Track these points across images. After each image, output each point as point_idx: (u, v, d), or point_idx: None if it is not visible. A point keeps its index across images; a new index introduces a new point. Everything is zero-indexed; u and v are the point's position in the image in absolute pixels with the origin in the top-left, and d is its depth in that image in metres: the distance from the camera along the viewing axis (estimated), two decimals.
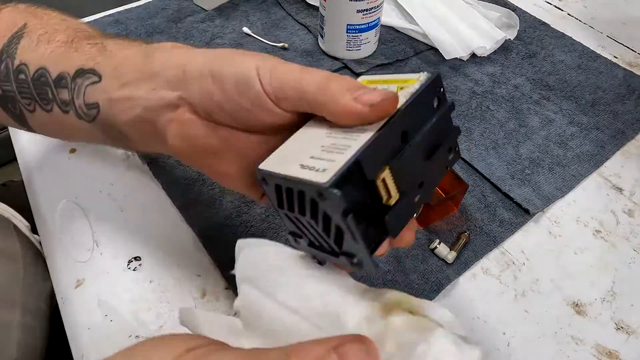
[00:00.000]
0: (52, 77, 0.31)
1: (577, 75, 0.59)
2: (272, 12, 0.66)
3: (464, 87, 0.56)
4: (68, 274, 0.39)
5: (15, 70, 0.32)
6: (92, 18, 0.64)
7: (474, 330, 0.37)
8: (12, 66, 0.32)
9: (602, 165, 0.49)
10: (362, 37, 0.56)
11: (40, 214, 0.44)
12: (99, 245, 0.41)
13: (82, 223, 0.42)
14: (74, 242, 0.41)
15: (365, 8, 0.53)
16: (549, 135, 0.51)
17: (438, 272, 0.40)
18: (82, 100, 0.29)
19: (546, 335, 0.37)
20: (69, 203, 0.43)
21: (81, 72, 0.29)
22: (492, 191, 0.46)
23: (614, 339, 0.37)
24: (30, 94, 0.32)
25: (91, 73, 0.29)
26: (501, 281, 0.40)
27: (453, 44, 0.60)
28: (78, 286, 0.38)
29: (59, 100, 0.31)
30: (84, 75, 0.29)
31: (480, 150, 0.49)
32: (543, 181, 0.47)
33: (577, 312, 0.38)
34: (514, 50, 0.62)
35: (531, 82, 0.57)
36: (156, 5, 0.66)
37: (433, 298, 0.38)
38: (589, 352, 0.36)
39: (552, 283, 0.40)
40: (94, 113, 0.29)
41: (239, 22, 0.64)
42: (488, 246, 0.42)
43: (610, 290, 0.40)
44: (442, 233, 0.42)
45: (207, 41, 0.61)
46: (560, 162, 0.49)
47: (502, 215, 0.44)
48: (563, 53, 0.62)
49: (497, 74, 0.58)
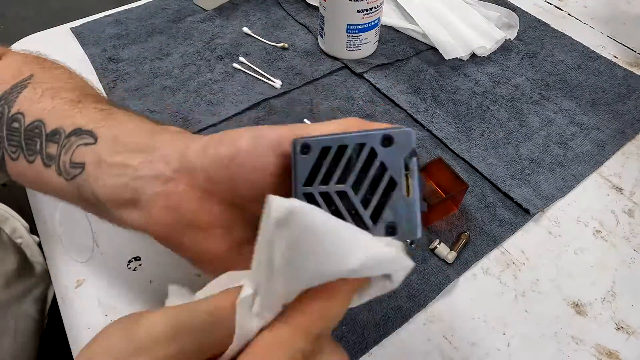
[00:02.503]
0: (46, 131, 0.30)
1: (577, 75, 0.59)
2: (272, 12, 0.66)
3: (464, 87, 0.56)
4: (68, 274, 0.39)
5: (10, 118, 0.32)
6: (92, 18, 0.64)
7: (474, 330, 0.37)
8: (7, 113, 0.32)
9: (602, 165, 0.49)
10: (362, 37, 0.56)
11: (40, 214, 0.44)
12: (99, 246, 0.41)
13: (82, 223, 0.42)
14: (74, 242, 0.41)
15: (365, 8, 0.53)
16: (549, 135, 0.51)
17: (438, 272, 0.40)
18: (69, 157, 0.29)
19: (546, 336, 0.37)
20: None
21: (78, 131, 0.29)
22: (492, 191, 0.46)
23: (614, 339, 0.37)
24: (18, 143, 0.31)
25: (88, 134, 0.29)
26: (501, 281, 0.40)
27: (453, 43, 0.60)
28: (78, 286, 0.38)
29: (44, 154, 0.30)
30: (80, 134, 0.29)
31: (480, 150, 0.49)
32: (543, 181, 0.47)
33: (577, 312, 0.38)
34: (514, 50, 0.62)
35: (531, 82, 0.57)
36: (156, 5, 0.66)
37: (433, 298, 0.38)
38: (589, 352, 0.36)
39: (552, 283, 0.40)
40: (76, 172, 0.29)
41: (239, 22, 0.64)
42: (488, 246, 0.42)
43: (610, 290, 0.40)
44: (442, 233, 0.42)
45: (207, 41, 0.61)
46: (561, 162, 0.49)
47: (502, 215, 0.44)
48: (563, 53, 0.62)
49: (497, 73, 0.58)
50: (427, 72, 0.58)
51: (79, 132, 0.29)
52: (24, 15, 1.96)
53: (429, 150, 0.49)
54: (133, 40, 0.61)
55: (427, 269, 0.40)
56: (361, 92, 0.55)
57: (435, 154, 0.49)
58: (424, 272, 0.40)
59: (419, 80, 0.57)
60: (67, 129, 0.29)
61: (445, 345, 0.36)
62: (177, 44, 0.60)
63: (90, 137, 0.28)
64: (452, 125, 0.52)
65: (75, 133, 0.29)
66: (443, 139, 0.50)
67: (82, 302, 0.38)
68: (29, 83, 0.32)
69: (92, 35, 0.61)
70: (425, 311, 0.38)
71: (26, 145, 0.31)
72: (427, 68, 0.59)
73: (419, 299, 0.38)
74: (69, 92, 0.32)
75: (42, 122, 0.30)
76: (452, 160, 0.48)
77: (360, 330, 0.36)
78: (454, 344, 0.36)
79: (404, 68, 0.58)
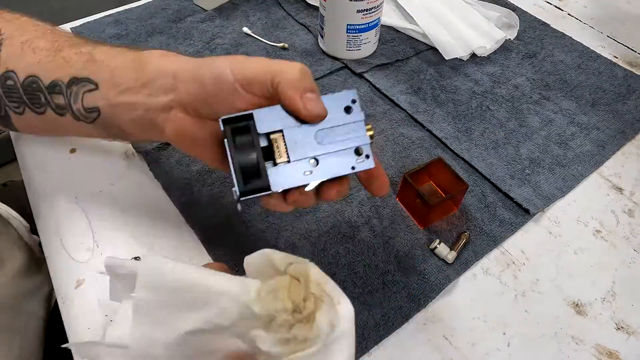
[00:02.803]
0: (44, 84, 0.33)
1: (577, 75, 0.59)
2: (272, 12, 0.66)
3: (464, 87, 0.56)
4: (68, 274, 0.39)
5: (2, 77, 0.34)
6: (92, 18, 0.64)
7: (474, 330, 0.37)
8: None
9: (603, 165, 0.49)
10: (362, 37, 0.56)
11: (40, 214, 0.44)
12: (99, 246, 0.41)
13: (82, 223, 0.42)
14: (74, 242, 0.41)
15: (365, 8, 0.53)
16: (549, 135, 0.51)
17: (438, 272, 0.40)
18: (81, 105, 0.33)
19: (546, 336, 0.37)
20: (69, 203, 0.43)
21: (75, 80, 0.33)
22: (492, 191, 0.46)
23: (614, 339, 0.37)
24: (19, 99, 0.34)
25: (87, 81, 0.32)
26: (501, 281, 0.40)
27: (453, 44, 0.60)
28: (78, 286, 0.38)
29: (53, 105, 0.34)
30: (79, 83, 0.33)
31: (480, 150, 0.49)
32: (543, 181, 0.47)
33: (577, 312, 0.38)
34: (514, 50, 0.62)
35: (531, 82, 0.57)
36: (156, 5, 0.66)
37: (433, 298, 0.38)
38: (589, 352, 0.36)
39: (552, 283, 0.40)
40: (94, 116, 0.33)
41: (239, 22, 0.64)
42: (488, 246, 0.42)
43: (610, 290, 0.40)
44: (442, 233, 0.42)
45: (207, 41, 0.61)
46: (561, 162, 0.49)
47: (502, 215, 0.44)
48: (563, 53, 0.62)
49: (497, 73, 0.58)
50: (427, 72, 0.58)
51: (77, 82, 0.33)
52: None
53: (429, 150, 0.49)
54: (133, 40, 0.61)
55: (427, 269, 0.40)
56: (361, 92, 0.55)
57: (435, 154, 0.49)
58: (424, 272, 0.40)
59: (419, 80, 0.57)
60: (64, 80, 0.33)
61: (445, 346, 0.36)
62: (177, 44, 0.60)
63: (90, 83, 0.32)
64: (452, 125, 0.52)
65: (74, 83, 0.33)
66: (443, 139, 0.50)
67: (82, 302, 0.38)
68: (3, 39, 0.35)
69: (92, 35, 0.61)
70: (425, 311, 0.38)
71: (30, 100, 0.34)
72: (427, 68, 0.59)
73: (419, 299, 0.38)
74: (42, 41, 0.34)
75: (36, 76, 0.33)
76: (452, 160, 0.48)
77: (360, 330, 0.36)
78: (454, 344, 0.36)
79: (404, 68, 0.58)
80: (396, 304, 0.38)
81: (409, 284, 0.39)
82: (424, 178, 0.45)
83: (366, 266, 0.40)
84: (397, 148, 0.49)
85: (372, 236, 0.42)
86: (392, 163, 0.48)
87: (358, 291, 0.38)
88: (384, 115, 0.53)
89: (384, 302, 0.38)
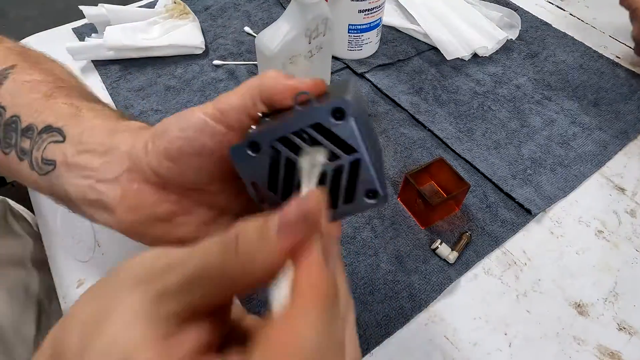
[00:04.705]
0: (21, 126, 0.31)
1: (579, 75, 0.58)
2: (273, 12, 0.66)
3: (465, 87, 0.56)
4: (70, 274, 0.39)
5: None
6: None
7: (476, 330, 0.37)
8: None
9: (605, 165, 0.49)
10: (363, 37, 0.56)
11: (42, 214, 0.44)
12: (100, 245, 0.41)
13: (83, 223, 0.42)
14: (76, 242, 0.41)
15: (367, 8, 0.53)
16: (550, 135, 0.51)
17: (439, 272, 0.40)
18: (40, 154, 0.30)
19: (548, 336, 0.37)
20: None
21: (49, 128, 0.30)
22: (494, 191, 0.46)
23: (616, 340, 0.37)
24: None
25: (57, 132, 0.30)
26: (503, 281, 0.40)
27: (455, 43, 0.60)
28: (79, 286, 0.38)
29: (18, 148, 0.32)
30: (49, 131, 0.30)
31: (482, 150, 0.49)
32: (545, 181, 0.47)
33: (579, 313, 0.38)
34: (516, 50, 0.62)
35: (533, 82, 0.57)
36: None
37: (434, 298, 0.38)
38: (591, 353, 0.36)
39: (553, 283, 0.40)
40: (48, 168, 0.30)
41: (240, 22, 0.64)
42: (490, 246, 0.42)
43: (612, 291, 0.40)
44: (444, 233, 0.42)
45: (210, 41, 0.61)
46: (562, 162, 0.49)
47: (503, 215, 0.44)
48: (565, 53, 0.62)
49: (499, 73, 0.58)
50: (429, 72, 0.58)
51: (49, 130, 0.30)
52: (27, 15, 1.97)
53: (431, 150, 0.49)
54: None
55: (428, 269, 0.40)
56: (362, 92, 0.55)
57: (436, 154, 0.49)
58: (426, 272, 0.40)
59: (420, 80, 0.57)
60: (39, 126, 0.31)
61: (446, 346, 0.36)
62: None
63: (59, 134, 0.30)
64: (454, 126, 0.51)
65: (46, 130, 0.30)
66: (444, 139, 0.50)
67: None
68: (10, 74, 0.34)
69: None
70: (426, 311, 0.38)
71: (4, 138, 0.32)
72: (429, 68, 0.59)
73: (421, 299, 0.38)
74: (44, 85, 0.33)
75: (18, 117, 0.32)
76: (454, 161, 0.48)
77: (362, 331, 0.36)
78: (456, 344, 0.36)
79: (406, 68, 0.58)
80: (398, 304, 0.38)
81: (411, 284, 0.39)
82: (425, 178, 0.45)
83: (367, 266, 0.40)
84: (399, 148, 0.49)
85: (374, 236, 0.42)
86: (393, 163, 0.48)
87: (359, 291, 0.38)
88: (386, 116, 0.53)
89: (385, 303, 0.38)
